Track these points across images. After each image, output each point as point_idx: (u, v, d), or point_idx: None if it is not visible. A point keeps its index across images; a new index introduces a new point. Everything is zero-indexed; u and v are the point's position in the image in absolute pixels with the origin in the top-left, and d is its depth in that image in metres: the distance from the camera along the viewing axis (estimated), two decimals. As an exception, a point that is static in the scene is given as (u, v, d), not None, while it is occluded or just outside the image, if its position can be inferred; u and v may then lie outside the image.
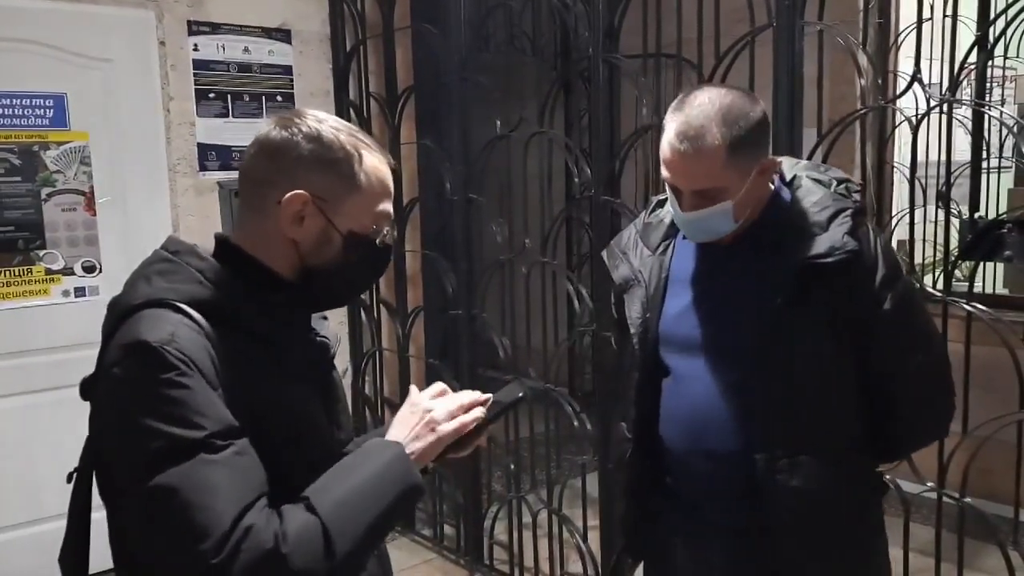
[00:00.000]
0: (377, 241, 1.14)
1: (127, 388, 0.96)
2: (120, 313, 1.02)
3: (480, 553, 3.26)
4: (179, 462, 0.91)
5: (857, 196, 1.46)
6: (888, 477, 2.14)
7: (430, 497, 3.51)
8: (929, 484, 2.09)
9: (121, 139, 3.07)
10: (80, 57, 2.97)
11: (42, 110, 2.90)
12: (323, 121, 1.10)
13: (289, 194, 1.06)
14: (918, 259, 3.87)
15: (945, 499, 2.08)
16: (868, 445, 1.49)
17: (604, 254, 1.70)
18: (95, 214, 3.04)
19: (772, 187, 1.49)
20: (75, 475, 1.08)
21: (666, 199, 1.61)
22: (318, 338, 1.18)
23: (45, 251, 2.94)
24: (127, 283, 1.07)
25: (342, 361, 3.67)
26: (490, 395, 1.20)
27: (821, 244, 1.38)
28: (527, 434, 3.08)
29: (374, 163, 1.12)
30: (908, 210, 2.09)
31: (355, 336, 3.72)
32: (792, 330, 1.40)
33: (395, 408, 3.86)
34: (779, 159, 1.52)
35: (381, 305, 3.64)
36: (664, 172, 1.43)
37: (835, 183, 1.47)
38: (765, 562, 1.45)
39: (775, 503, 1.41)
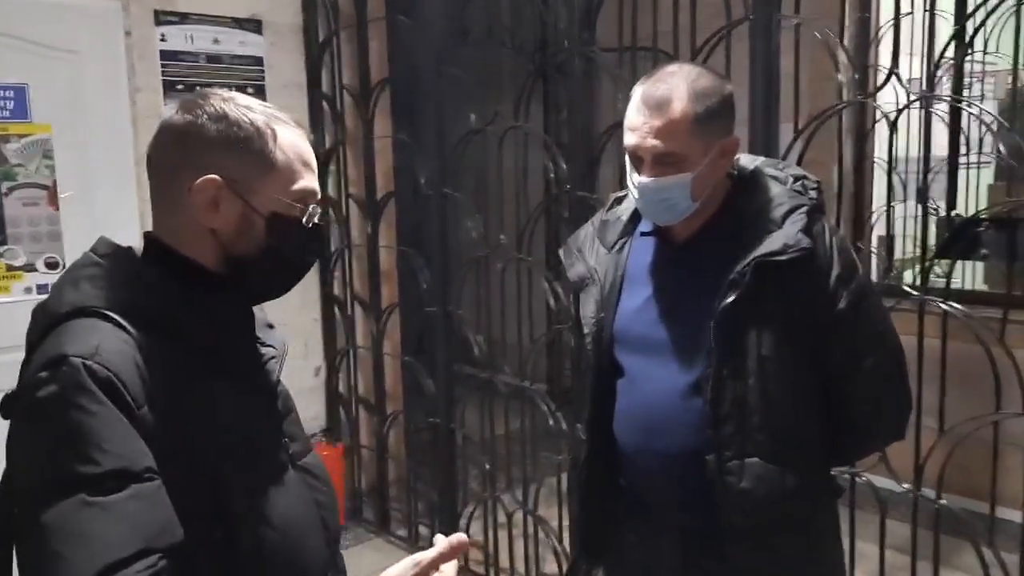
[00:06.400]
0: (304, 220, 1.06)
1: (32, 408, 0.89)
2: (46, 322, 0.96)
3: (455, 553, 3.21)
4: (62, 498, 0.83)
5: (814, 193, 1.43)
6: (866, 477, 2.14)
7: (405, 497, 3.47)
8: (906, 486, 2.07)
9: (86, 132, 2.98)
10: (42, 47, 2.88)
11: (2, 101, 2.81)
12: (230, 100, 1.03)
13: (200, 180, 1.00)
14: (898, 255, 3.89)
15: (922, 498, 2.06)
16: (822, 447, 1.47)
17: (561, 252, 1.68)
18: (58, 209, 2.96)
19: (730, 175, 1.47)
20: None
21: (624, 195, 1.58)
22: (263, 347, 1.12)
23: (6, 247, 2.86)
24: (53, 288, 1.00)
25: (315, 359, 3.62)
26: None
27: (775, 241, 1.36)
28: (503, 432, 3.04)
29: (291, 138, 1.05)
30: (887, 207, 2.08)
31: (329, 334, 3.66)
32: (745, 329, 1.38)
33: (370, 409, 3.76)
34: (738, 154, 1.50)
35: (355, 302, 3.58)
36: (627, 139, 1.41)
37: (791, 180, 1.45)
38: (715, 564, 1.44)
39: (724, 505, 1.39)
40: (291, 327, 3.50)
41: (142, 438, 0.90)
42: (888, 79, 2.04)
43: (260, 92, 3.40)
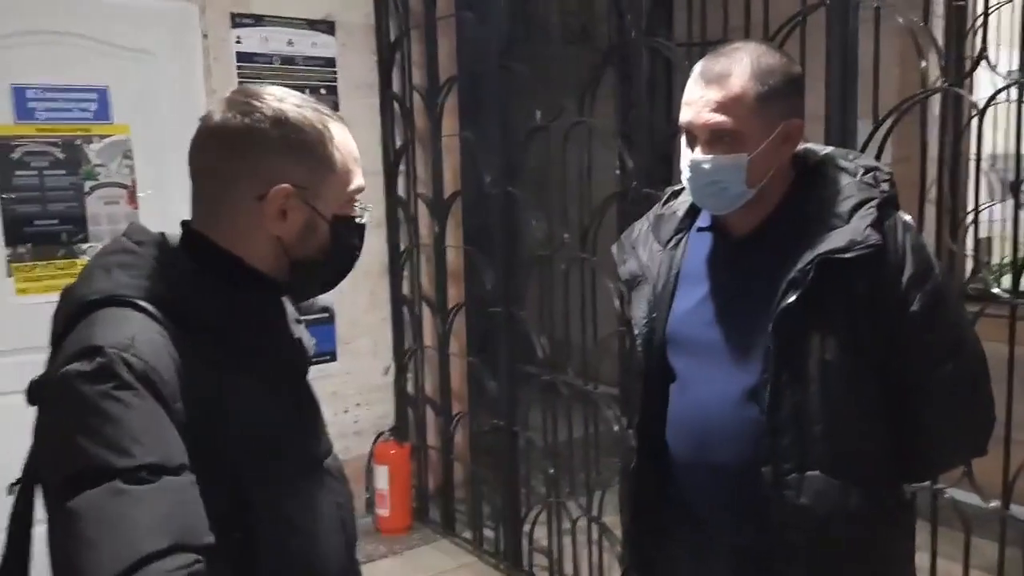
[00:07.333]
0: (356, 217, 1.06)
1: (68, 397, 0.86)
2: (76, 309, 0.93)
3: (519, 558, 3.17)
4: (94, 486, 0.81)
5: (886, 186, 1.31)
6: (949, 493, 1.99)
7: (471, 498, 3.44)
8: (994, 503, 1.92)
9: (163, 132, 3.06)
10: (122, 50, 2.98)
11: (85, 103, 2.91)
12: (283, 99, 1.00)
13: (273, 190, 0.98)
14: (996, 259, 3.65)
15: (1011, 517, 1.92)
16: (892, 462, 1.35)
17: (614, 248, 1.59)
18: (137, 207, 3.05)
19: (795, 165, 1.37)
20: (18, 487, 0.98)
21: (681, 189, 1.50)
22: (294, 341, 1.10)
23: (88, 244, 2.96)
24: (83, 273, 0.98)
25: (384, 358, 3.63)
26: None
27: (841, 237, 1.25)
28: (566, 437, 2.98)
29: (343, 136, 1.03)
30: (979, 206, 1.94)
31: (398, 333, 3.67)
32: (806, 332, 1.27)
33: (437, 409, 3.74)
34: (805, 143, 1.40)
35: (423, 301, 3.58)
36: (682, 114, 1.32)
37: (862, 171, 1.33)
38: None
39: (781, 522, 1.29)
40: (360, 326, 3.53)
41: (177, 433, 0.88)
42: (977, 64, 1.89)
43: (332, 93, 3.44)
